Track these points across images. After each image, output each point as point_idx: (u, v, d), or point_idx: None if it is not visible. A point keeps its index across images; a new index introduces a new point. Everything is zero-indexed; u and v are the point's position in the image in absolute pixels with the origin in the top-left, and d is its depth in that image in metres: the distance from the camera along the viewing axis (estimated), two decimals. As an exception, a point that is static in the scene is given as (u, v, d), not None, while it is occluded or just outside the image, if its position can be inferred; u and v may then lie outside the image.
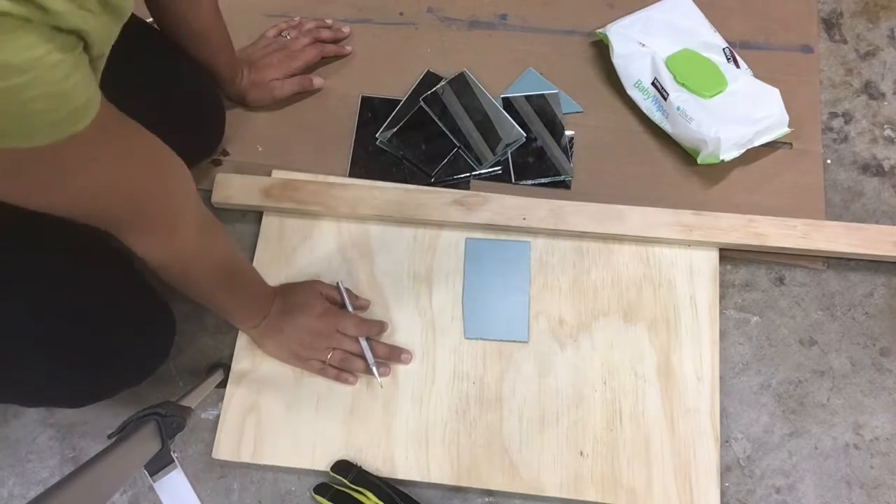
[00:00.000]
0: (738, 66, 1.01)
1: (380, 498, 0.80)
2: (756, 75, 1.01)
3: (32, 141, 0.42)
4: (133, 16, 0.64)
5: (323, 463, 0.84)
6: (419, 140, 1.00)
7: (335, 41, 1.06)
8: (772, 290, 0.94)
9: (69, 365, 0.73)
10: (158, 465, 0.61)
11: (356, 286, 0.92)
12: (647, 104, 1.00)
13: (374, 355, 0.87)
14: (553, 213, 0.92)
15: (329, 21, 1.08)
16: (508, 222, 0.92)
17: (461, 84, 1.03)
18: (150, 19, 0.88)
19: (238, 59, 0.98)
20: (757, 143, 0.96)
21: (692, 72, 0.98)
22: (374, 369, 0.86)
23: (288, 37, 1.04)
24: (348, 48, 1.06)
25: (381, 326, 0.90)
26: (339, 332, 0.87)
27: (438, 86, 1.03)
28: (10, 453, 0.89)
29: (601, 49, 1.06)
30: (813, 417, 0.89)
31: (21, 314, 0.69)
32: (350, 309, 0.89)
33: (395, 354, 0.89)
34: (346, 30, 1.07)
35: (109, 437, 0.60)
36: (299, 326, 0.86)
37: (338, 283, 0.91)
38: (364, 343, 0.87)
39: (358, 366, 0.87)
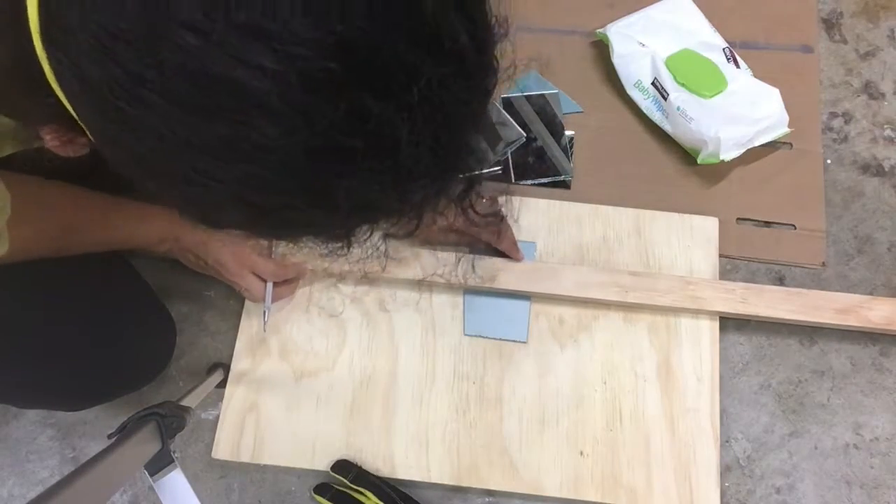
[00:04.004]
0: (738, 66, 1.01)
1: (380, 498, 0.80)
2: (756, 75, 1.01)
3: None
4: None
5: (323, 463, 0.84)
6: (419, 140, 1.00)
7: None
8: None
9: (69, 369, 0.73)
10: (158, 465, 0.60)
11: (356, 286, 0.92)
12: (647, 104, 1.00)
13: (273, 298, 0.86)
14: (486, 269, 0.89)
15: None
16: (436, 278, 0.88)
17: (461, 84, 1.03)
18: None
19: None
20: (757, 143, 0.96)
21: (692, 72, 0.98)
22: (266, 314, 0.86)
23: None
24: None
25: (298, 270, 0.88)
26: (250, 273, 0.84)
27: (438, 86, 1.03)
28: (10, 453, 0.89)
29: (601, 49, 1.06)
30: (813, 417, 0.89)
31: (21, 317, 0.69)
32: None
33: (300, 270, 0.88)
34: None
35: (109, 437, 0.60)
36: (209, 255, 0.83)
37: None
38: (269, 286, 0.85)
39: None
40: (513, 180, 0.99)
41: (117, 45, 0.32)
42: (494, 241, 0.88)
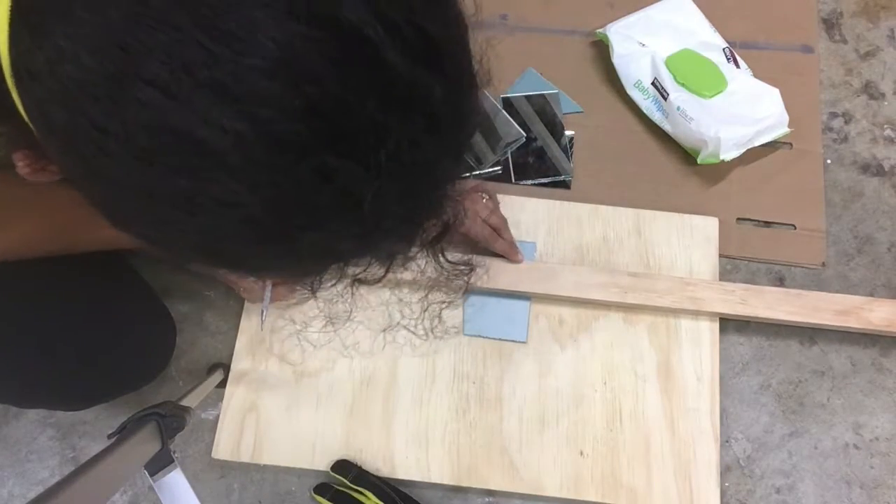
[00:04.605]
0: (738, 66, 1.01)
1: (380, 498, 0.80)
2: (756, 75, 1.01)
3: None
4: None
5: (323, 463, 0.84)
6: (419, 140, 1.00)
7: None
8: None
9: (69, 368, 0.73)
10: (158, 465, 0.60)
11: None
12: (647, 104, 1.00)
13: (272, 298, 0.85)
14: (485, 269, 0.88)
15: None
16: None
17: (461, 84, 1.03)
18: None
19: None
20: (757, 143, 0.96)
21: (692, 72, 0.98)
22: (264, 313, 0.85)
23: None
24: None
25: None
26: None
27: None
28: (10, 453, 0.89)
29: (601, 49, 1.06)
30: (813, 417, 0.89)
31: (21, 317, 0.69)
32: None
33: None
34: None
35: (109, 437, 0.60)
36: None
37: None
38: (268, 286, 0.84)
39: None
40: (513, 180, 0.99)
41: (82, 95, 0.32)
42: (490, 244, 0.88)
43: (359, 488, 0.81)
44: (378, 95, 0.32)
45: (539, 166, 0.99)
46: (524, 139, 1.00)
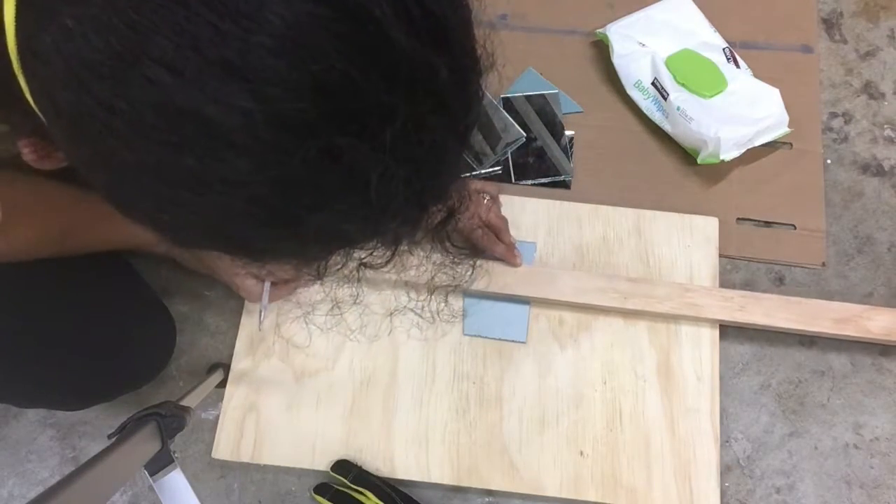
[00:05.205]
0: (738, 66, 1.01)
1: (380, 498, 0.80)
2: (756, 75, 1.01)
3: None
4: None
5: (323, 463, 0.84)
6: (419, 140, 1.00)
7: None
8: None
9: (69, 368, 0.73)
10: (158, 465, 0.60)
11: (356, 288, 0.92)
12: (647, 104, 1.00)
13: (271, 299, 0.85)
14: (484, 272, 0.88)
15: None
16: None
17: (461, 84, 1.03)
18: None
19: None
20: (757, 143, 0.96)
21: (692, 72, 0.98)
22: (262, 313, 0.85)
23: None
24: None
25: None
26: (248, 273, 0.83)
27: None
28: (10, 453, 0.89)
29: (601, 49, 1.06)
30: (813, 417, 0.89)
31: (21, 317, 0.69)
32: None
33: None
34: None
35: (109, 437, 0.60)
36: (208, 255, 0.81)
37: None
38: (267, 286, 0.84)
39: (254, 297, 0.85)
40: (513, 180, 0.99)
41: (88, 75, 0.32)
42: (489, 248, 0.88)
43: (359, 488, 0.81)
44: (384, 75, 0.32)
45: (539, 166, 0.99)
46: (524, 139, 1.00)
